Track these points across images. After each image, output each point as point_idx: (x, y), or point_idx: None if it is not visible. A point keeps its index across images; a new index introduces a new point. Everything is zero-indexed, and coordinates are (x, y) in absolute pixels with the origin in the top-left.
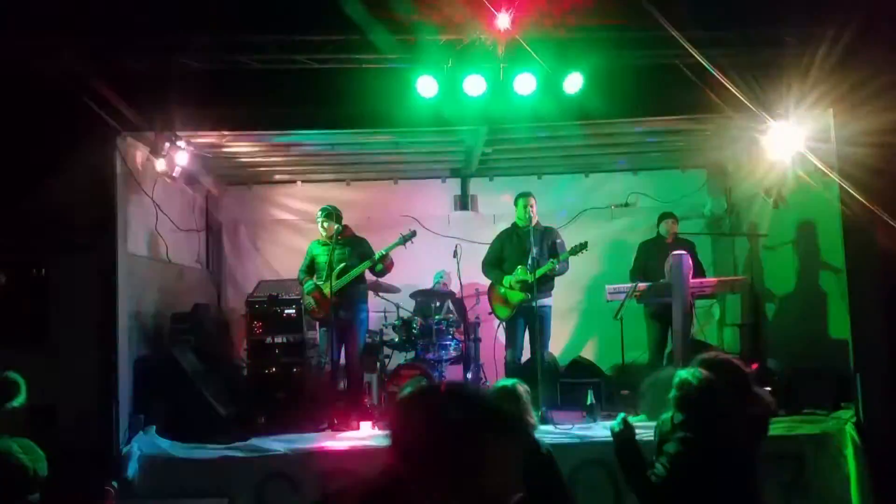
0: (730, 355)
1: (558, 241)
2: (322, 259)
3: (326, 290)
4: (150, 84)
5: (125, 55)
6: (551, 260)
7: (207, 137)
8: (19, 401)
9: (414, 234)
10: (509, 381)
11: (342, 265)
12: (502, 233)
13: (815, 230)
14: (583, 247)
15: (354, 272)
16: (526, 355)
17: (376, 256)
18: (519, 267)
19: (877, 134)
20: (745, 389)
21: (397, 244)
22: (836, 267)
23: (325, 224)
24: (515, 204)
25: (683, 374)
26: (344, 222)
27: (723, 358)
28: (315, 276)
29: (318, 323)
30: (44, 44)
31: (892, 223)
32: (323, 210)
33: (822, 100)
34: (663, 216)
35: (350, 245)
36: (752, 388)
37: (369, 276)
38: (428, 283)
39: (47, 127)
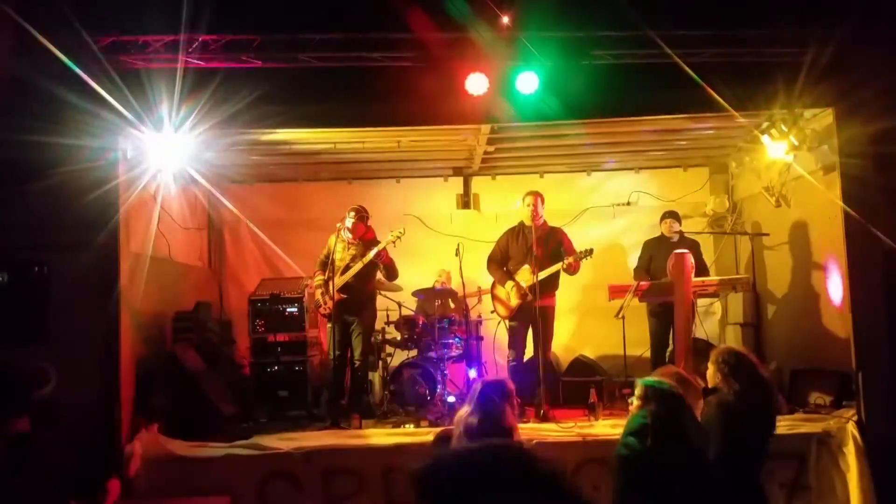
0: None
1: (565, 240)
2: (336, 255)
3: (331, 287)
4: (154, 81)
5: (133, 52)
6: (556, 264)
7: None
8: (47, 390)
9: (402, 232)
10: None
11: (346, 264)
12: (509, 231)
13: (816, 229)
14: (588, 253)
15: (352, 271)
16: (528, 354)
17: (370, 255)
18: (525, 268)
19: (877, 133)
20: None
21: (386, 244)
22: (838, 265)
23: (358, 224)
24: (522, 202)
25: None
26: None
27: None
28: (326, 272)
29: (326, 319)
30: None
31: (893, 221)
32: (356, 211)
33: (822, 98)
34: (665, 215)
35: (363, 247)
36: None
37: (378, 276)
38: (430, 282)
39: (49, 123)
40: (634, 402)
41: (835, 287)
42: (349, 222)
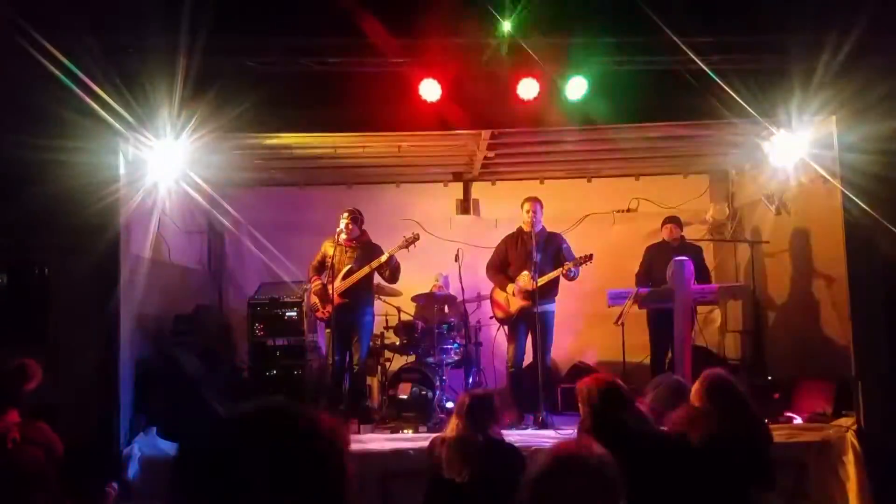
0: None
1: (564, 246)
2: (335, 260)
3: (331, 291)
4: (155, 84)
5: (133, 56)
6: (557, 269)
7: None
8: (34, 384)
9: (417, 237)
10: None
11: (348, 267)
12: (508, 237)
13: (817, 237)
14: (588, 258)
15: (358, 275)
16: (527, 360)
17: (383, 259)
18: (524, 273)
19: (879, 141)
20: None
21: (400, 247)
22: (838, 274)
23: (351, 226)
24: (521, 208)
25: None
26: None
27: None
28: (324, 275)
29: (324, 324)
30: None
31: (893, 230)
32: (349, 212)
33: (824, 107)
34: (666, 220)
35: (361, 249)
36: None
37: (377, 280)
38: (429, 287)
39: (50, 127)
40: (581, 407)
41: None
42: (343, 224)
